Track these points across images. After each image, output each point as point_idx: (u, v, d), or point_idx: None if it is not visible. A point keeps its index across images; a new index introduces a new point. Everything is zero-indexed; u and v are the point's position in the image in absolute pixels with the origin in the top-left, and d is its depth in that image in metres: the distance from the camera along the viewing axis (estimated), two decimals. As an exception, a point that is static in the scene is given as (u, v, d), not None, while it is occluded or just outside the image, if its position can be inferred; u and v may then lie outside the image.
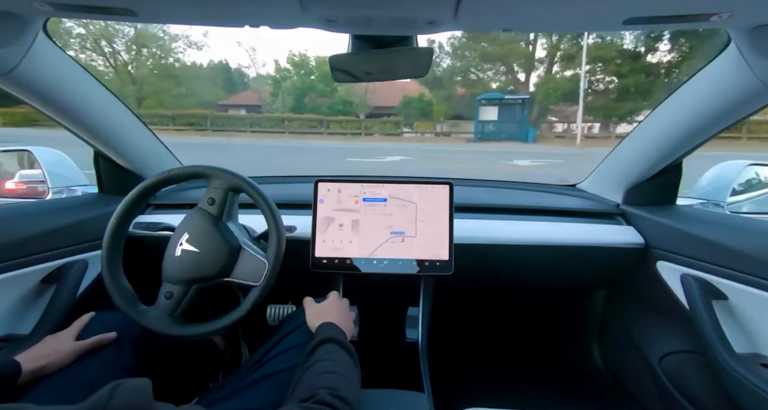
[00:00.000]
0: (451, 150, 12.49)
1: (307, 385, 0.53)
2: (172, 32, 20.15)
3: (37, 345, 0.67)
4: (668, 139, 0.94)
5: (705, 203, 1.24)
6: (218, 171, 0.79)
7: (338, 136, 16.89)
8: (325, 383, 0.52)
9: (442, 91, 19.37)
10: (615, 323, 1.24)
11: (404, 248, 0.95)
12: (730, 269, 0.80)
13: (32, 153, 1.30)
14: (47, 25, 0.71)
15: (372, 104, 19.62)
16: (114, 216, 0.78)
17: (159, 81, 20.13)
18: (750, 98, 0.74)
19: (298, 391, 0.53)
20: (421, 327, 0.99)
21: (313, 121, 18.39)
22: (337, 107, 19.91)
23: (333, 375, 0.55)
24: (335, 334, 0.66)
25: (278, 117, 18.79)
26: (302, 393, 0.52)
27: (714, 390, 0.84)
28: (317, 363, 0.58)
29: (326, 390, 0.50)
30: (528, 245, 1.04)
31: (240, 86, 25.91)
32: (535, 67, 19.17)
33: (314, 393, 0.49)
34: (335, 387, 0.52)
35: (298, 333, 0.76)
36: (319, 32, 0.66)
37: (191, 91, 21.12)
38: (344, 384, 0.54)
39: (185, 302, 0.76)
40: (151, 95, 19.65)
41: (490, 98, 15.93)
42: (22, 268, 0.79)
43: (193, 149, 7.05)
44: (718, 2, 0.52)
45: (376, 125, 18.60)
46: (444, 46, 18.49)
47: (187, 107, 19.31)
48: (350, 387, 0.54)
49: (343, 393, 0.51)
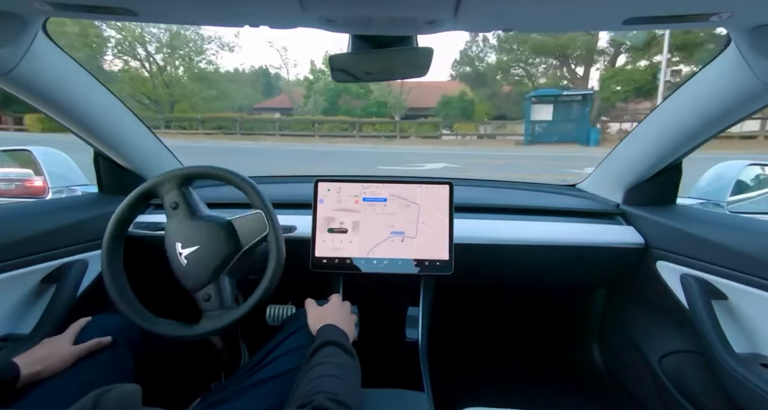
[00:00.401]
0: (499, 155, 10.55)
1: (305, 390, 0.52)
2: (204, 34, 19.82)
3: (35, 348, 0.67)
4: (668, 139, 0.94)
5: (705, 203, 1.24)
6: (161, 178, 0.79)
7: (371, 139, 15.89)
8: (323, 387, 0.52)
9: (486, 88, 17.83)
10: (615, 323, 1.24)
11: (404, 248, 0.95)
12: (730, 269, 0.80)
13: (32, 153, 1.30)
14: (47, 25, 0.71)
15: (408, 104, 18.58)
16: (114, 216, 0.78)
17: (190, 84, 19.96)
18: (750, 98, 0.74)
19: (297, 395, 0.53)
20: (421, 327, 0.99)
21: (345, 123, 17.37)
22: (371, 108, 18.76)
23: (332, 378, 0.54)
24: (336, 336, 0.65)
25: (308, 119, 18.01)
26: (300, 397, 0.51)
27: (714, 390, 0.84)
28: (317, 366, 0.57)
29: (324, 394, 0.50)
30: (528, 245, 1.04)
31: (276, 90, 25.69)
32: (594, 60, 16.68)
33: (311, 399, 0.49)
34: (334, 391, 0.51)
35: (298, 335, 0.75)
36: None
37: (224, 94, 20.84)
38: (343, 387, 0.53)
39: (230, 293, 0.78)
40: (182, 98, 19.49)
41: (543, 95, 13.67)
42: (22, 268, 0.79)
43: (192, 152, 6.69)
44: (718, 2, 0.52)
45: (412, 126, 17.18)
46: (489, 39, 17.00)
47: (219, 110, 19.04)
48: (350, 391, 0.54)
49: (342, 397, 0.51)
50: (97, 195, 1.12)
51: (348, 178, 0.98)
